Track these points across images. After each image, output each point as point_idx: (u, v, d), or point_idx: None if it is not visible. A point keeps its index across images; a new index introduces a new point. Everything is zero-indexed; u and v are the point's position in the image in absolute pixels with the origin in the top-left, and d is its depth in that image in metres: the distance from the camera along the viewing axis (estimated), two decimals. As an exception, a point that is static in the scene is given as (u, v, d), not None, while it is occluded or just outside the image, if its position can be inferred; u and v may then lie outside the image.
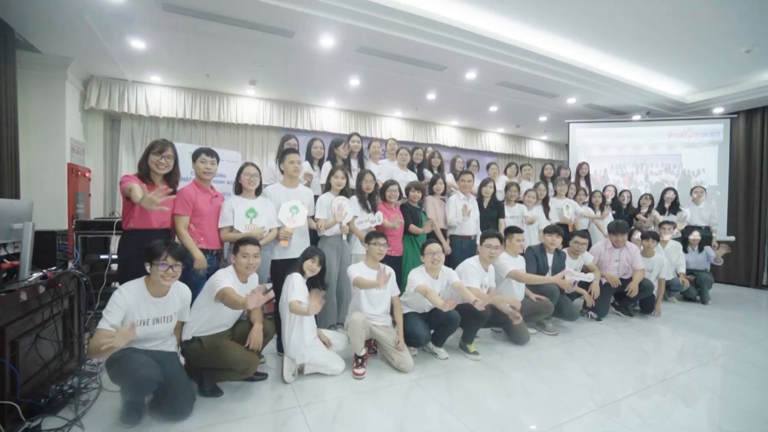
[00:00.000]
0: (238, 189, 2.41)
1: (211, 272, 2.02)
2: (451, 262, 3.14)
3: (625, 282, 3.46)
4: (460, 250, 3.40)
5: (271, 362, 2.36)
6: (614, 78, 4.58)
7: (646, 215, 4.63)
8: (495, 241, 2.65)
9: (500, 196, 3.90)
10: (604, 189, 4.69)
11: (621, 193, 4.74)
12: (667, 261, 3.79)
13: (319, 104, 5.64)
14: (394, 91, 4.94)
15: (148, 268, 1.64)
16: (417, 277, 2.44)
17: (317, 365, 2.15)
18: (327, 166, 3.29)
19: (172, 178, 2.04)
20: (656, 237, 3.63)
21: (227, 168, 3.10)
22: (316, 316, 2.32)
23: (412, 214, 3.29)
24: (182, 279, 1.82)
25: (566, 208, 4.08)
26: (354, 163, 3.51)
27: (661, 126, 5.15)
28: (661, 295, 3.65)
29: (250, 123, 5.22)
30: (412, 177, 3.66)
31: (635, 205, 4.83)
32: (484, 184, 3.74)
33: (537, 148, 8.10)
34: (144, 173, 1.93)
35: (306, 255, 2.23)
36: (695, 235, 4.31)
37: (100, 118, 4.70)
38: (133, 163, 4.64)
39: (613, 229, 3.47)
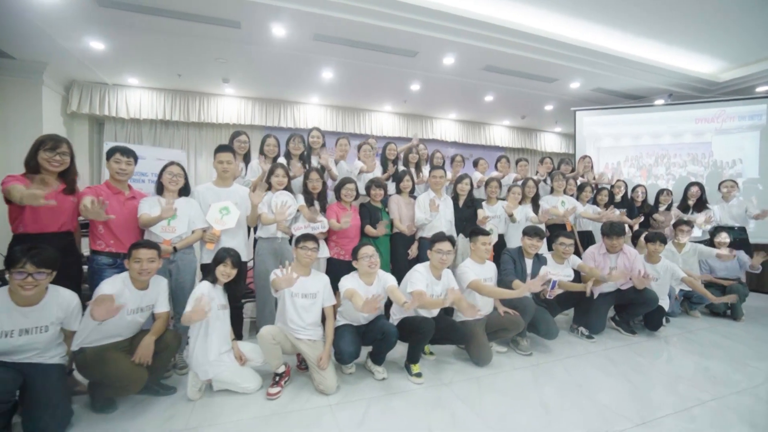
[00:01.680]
0: (159, 189, 2.30)
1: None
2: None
3: (623, 293, 2.99)
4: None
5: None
6: (625, 57, 4.03)
7: (664, 214, 4.03)
8: (446, 246, 2.34)
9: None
10: (612, 186, 4.15)
11: (635, 189, 4.17)
12: (677, 267, 3.19)
13: (302, 101, 5.53)
14: (374, 84, 4.71)
15: (7, 275, 1.55)
16: (347, 282, 2.20)
17: (224, 382, 1.97)
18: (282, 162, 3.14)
19: (68, 176, 1.96)
20: (662, 239, 3.09)
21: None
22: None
23: (371, 214, 3.04)
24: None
25: (561, 205, 3.62)
26: (314, 161, 3.34)
27: (686, 110, 4.48)
28: (707, 293, 3.11)
29: (231, 122, 5.23)
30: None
31: (652, 202, 4.23)
32: (459, 180, 3.41)
33: (550, 142, 7.47)
34: (33, 171, 1.86)
35: (217, 259, 2.07)
36: (723, 237, 3.66)
37: (85, 122, 4.89)
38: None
39: (606, 231, 2.99)
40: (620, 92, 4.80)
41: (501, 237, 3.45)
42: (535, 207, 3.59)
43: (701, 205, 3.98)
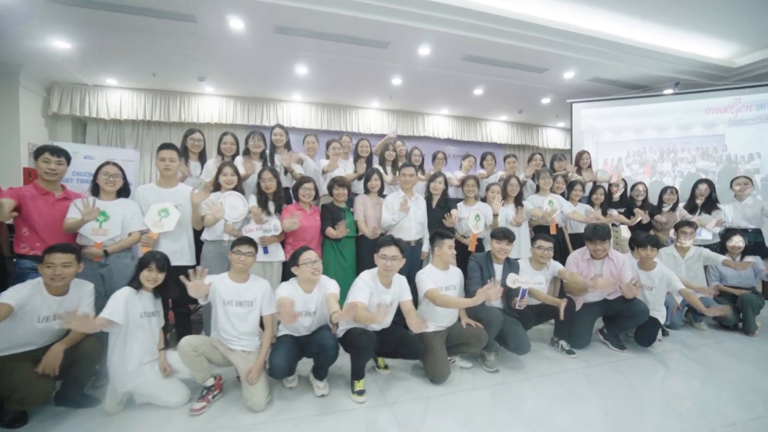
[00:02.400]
0: (95, 190, 2.22)
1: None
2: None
3: (610, 304, 2.71)
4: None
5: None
6: (623, 42, 3.70)
7: (672, 208, 3.68)
8: (391, 251, 2.14)
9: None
10: (609, 185, 3.84)
11: (634, 186, 3.82)
12: (675, 275, 2.83)
13: (285, 98, 5.43)
14: (353, 79, 4.55)
15: None
16: (282, 290, 2.05)
17: (145, 395, 1.86)
18: (239, 161, 3.05)
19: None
20: (655, 243, 2.76)
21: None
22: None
23: (333, 215, 2.89)
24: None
25: (549, 205, 3.35)
26: (278, 159, 3.22)
27: (696, 100, 4.09)
28: (699, 305, 2.61)
29: (213, 122, 5.20)
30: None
31: (656, 202, 3.87)
32: (432, 179, 3.21)
33: (552, 137, 7.10)
34: None
35: (141, 264, 1.96)
36: (736, 242, 3.28)
37: (68, 124, 4.96)
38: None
39: (588, 235, 2.70)
40: (621, 82, 4.45)
41: (480, 241, 3.22)
42: (518, 206, 3.34)
43: (711, 204, 3.60)
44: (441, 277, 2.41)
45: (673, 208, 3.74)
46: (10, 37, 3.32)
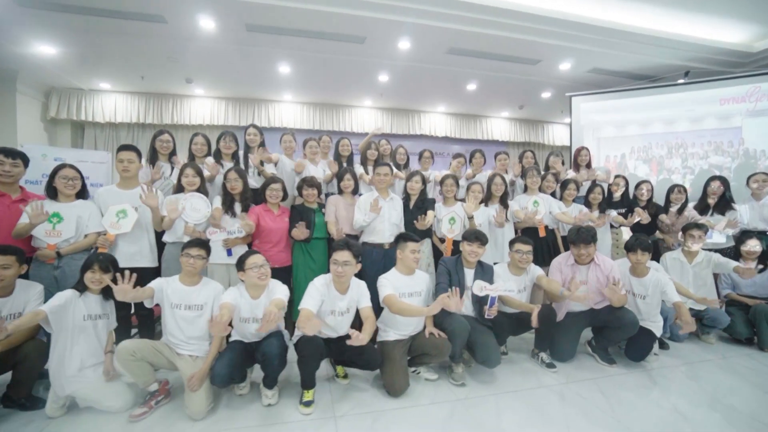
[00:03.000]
0: (52, 193, 2.24)
1: None
2: (362, 275, 2.52)
3: (597, 314, 2.49)
4: (369, 260, 2.79)
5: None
6: (623, 30, 3.44)
7: (676, 216, 3.39)
8: (342, 255, 2.04)
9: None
10: (609, 184, 3.58)
11: (638, 185, 3.54)
12: (672, 284, 2.53)
13: (275, 99, 5.44)
14: (338, 76, 4.47)
15: None
16: (227, 296, 1.98)
17: (87, 400, 1.84)
18: (210, 162, 3.04)
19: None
20: (646, 247, 2.51)
21: (93, 169, 3.01)
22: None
23: (302, 216, 2.81)
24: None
25: (533, 205, 3.15)
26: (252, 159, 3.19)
27: (708, 89, 3.75)
28: (688, 323, 2.31)
29: (205, 123, 5.28)
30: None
31: (663, 202, 3.58)
32: (409, 178, 3.08)
33: (558, 134, 6.77)
34: None
35: (85, 266, 1.95)
36: (752, 246, 2.96)
37: (67, 127, 5.14)
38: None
39: (572, 238, 2.49)
40: (623, 72, 4.15)
41: (456, 244, 3.06)
42: (503, 206, 3.16)
43: (725, 204, 3.28)
44: (404, 282, 2.29)
45: (682, 209, 3.44)
46: (0, 44, 3.47)
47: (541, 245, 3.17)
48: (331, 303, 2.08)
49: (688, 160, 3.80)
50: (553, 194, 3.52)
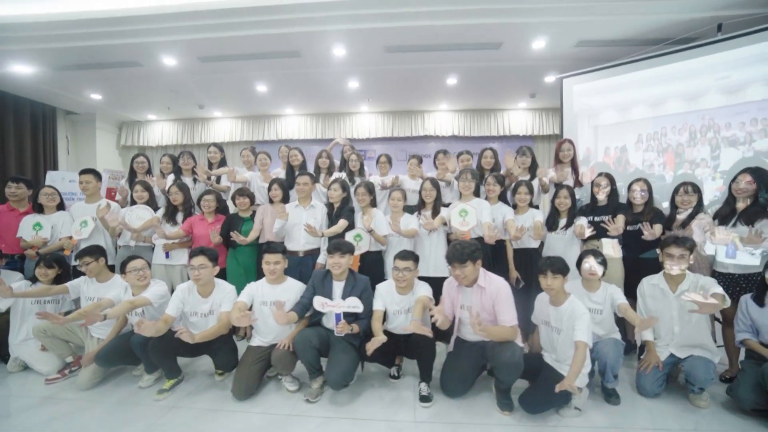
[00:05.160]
0: (39, 207, 3.07)
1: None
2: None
3: (486, 347, 2.11)
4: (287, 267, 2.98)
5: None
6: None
7: (683, 223, 2.56)
8: (197, 260, 2.24)
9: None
10: (575, 182, 2.91)
11: (630, 185, 2.77)
12: (586, 316, 1.88)
13: (280, 113, 6.01)
14: (308, 88, 4.75)
15: None
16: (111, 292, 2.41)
17: (27, 362, 2.50)
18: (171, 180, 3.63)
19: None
20: (559, 270, 1.94)
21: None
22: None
23: (230, 224, 3.17)
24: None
25: (460, 215, 2.80)
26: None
27: (752, 45, 2.64)
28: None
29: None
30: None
31: (669, 205, 2.69)
32: (328, 186, 3.14)
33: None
34: None
35: (36, 263, 2.64)
36: None
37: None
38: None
39: (449, 255, 2.13)
40: (622, 40, 3.22)
41: (379, 254, 2.96)
42: (435, 214, 2.90)
43: (758, 209, 2.30)
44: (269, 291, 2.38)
45: (692, 216, 2.56)
46: (69, 98, 4.88)
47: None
48: (193, 306, 2.32)
49: (721, 147, 2.73)
50: (505, 200, 3.06)
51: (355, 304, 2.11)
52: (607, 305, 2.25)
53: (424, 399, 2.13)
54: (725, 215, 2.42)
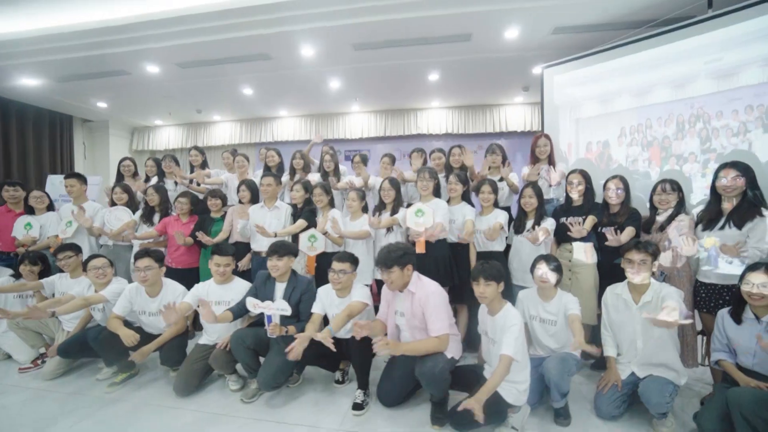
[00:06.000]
0: (30, 209, 3.34)
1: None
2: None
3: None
4: (254, 267, 3.05)
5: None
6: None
7: (662, 226, 2.31)
8: (143, 261, 2.32)
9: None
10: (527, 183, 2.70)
11: (605, 183, 2.53)
12: (514, 327, 1.70)
13: (274, 116, 6.15)
14: (287, 91, 4.82)
15: None
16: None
17: (7, 352, 2.73)
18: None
19: None
20: (491, 276, 1.79)
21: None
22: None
23: (201, 225, 3.28)
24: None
25: (416, 215, 2.69)
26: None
27: (748, 20, 2.30)
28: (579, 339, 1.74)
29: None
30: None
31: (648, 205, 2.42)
32: (292, 187, 3.16)
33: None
34: None
35: (19, 260, 2.87)
36: (760, 283, 1.71)
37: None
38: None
39: (377, 259, 2.03)
40: (604, 23, 2.94)
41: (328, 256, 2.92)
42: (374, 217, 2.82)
43: (749, 208, 2.00)
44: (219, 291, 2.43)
45: (674, 217, 2.30)
46: (81, 107, 5.29)
47: (436, 263, 2.69)
48: (141, 306, 2.42)
49: (712, 139, 2.40)
50: (468, 199, 2.92)
51: (283, 307, 2.09)
52: (561, 316, 2.07)
53: (356, 407, 2.07)
54: (711, 218, 2.14)
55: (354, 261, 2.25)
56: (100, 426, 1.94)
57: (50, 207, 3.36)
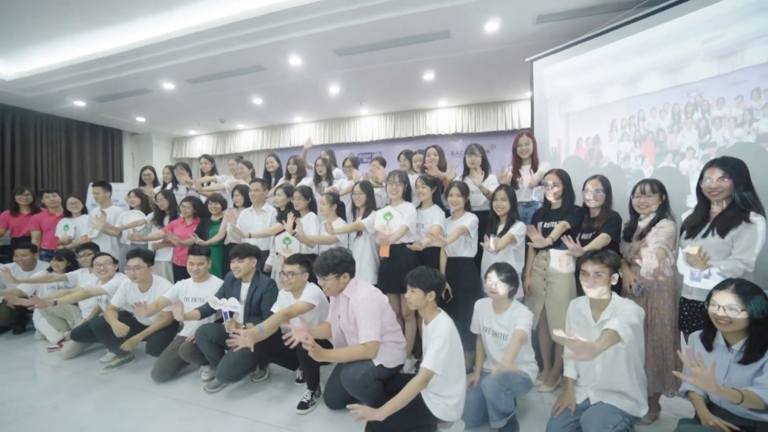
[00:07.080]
0: (68, 213, 3.94)
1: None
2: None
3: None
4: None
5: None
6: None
7: (642, 233, 2.08)
8: (133, 261, 2.63)
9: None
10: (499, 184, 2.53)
11: (585, 184, 2.31)
12: (437, 340, 1.62)
13: (291, 122, 6.46)
14: (293, 99, 5.03)
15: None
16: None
17: (43, 333, 3.26)
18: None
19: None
20: (425, 285, 1.71)
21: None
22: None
23: (203, 228, 3.62)
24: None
25: (386, 218, 2.69)
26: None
27: None
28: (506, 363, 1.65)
29: (248, 150, 6.93)
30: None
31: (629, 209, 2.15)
32: (274, 192, 3.34)
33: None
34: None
35: (51, 257, 3.42)
36: (725, 304, 1.44)
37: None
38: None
39: (315, 265, 2.05)
40: (589, 7, 2.64)
41: (313, 257, 3.04)
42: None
43: (736, 213, 1.71)
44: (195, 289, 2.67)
45: (655, 223, 2.05)
46: (125, 122, 6.07)
47: (401, 268, 2.68)
48: (133, 299, 2.74)
49: (712, 131, 2.04)
50: (439, 203, 2.84)
51: (234, 305, 2.25)
52: (512, 329, 1.95)
53: (302, 406, 2.15)
54: (696, 224, 1.86)
55: (304, 262, 2.33)
56: (85, 400, 2.25)
57: (84, 211, 3.94)
